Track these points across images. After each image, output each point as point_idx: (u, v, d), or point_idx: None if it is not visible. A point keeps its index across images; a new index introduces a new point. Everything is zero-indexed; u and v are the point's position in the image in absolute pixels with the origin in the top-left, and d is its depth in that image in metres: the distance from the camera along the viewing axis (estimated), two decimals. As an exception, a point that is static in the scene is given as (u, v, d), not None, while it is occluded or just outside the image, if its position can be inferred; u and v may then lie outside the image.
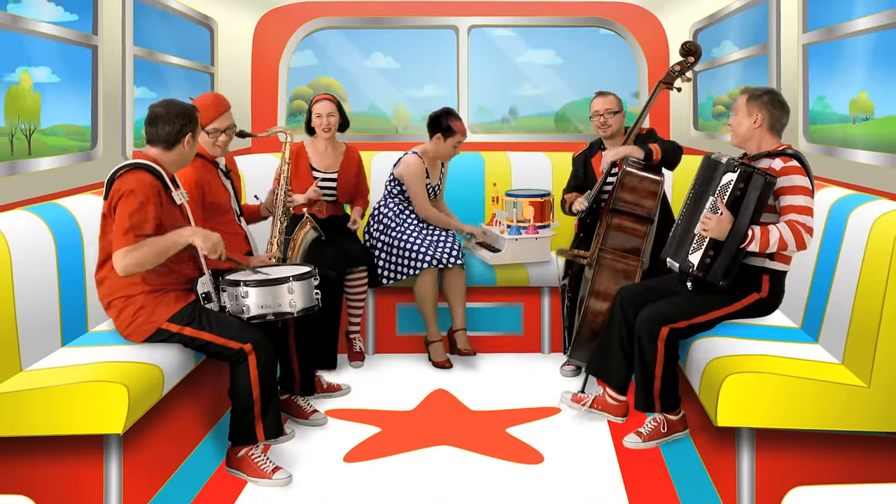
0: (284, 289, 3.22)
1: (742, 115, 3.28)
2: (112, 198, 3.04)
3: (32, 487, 2.74)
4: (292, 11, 5.75)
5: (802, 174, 3.14)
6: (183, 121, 3.14)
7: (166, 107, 3.15)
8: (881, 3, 3.31)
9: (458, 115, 4.67)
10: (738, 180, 3.09)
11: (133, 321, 3.10)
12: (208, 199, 3.55)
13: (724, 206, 3.10)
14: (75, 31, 3.74)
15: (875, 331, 2.70)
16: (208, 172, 3.58)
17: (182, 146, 3.17)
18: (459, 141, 4.59)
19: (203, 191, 3.52)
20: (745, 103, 3.28)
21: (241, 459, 3.17)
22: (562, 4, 5.79)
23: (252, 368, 3.10)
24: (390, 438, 3.55)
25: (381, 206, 4.65)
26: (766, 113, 3.24)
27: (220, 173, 3.66)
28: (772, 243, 3.08)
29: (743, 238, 3.09)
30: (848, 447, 2.83)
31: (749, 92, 3.30)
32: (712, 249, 3.15)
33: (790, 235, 3.07)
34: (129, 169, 3.07)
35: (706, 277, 3.18)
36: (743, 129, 3.28)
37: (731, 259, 3.12)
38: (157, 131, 3.13)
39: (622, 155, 4.02)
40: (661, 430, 3.43)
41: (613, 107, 4.28)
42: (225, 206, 3.64)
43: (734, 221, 3.10)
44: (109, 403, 2.66)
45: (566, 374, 4.34)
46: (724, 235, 3.11)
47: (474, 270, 4.63)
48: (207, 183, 3.56)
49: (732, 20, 5.03)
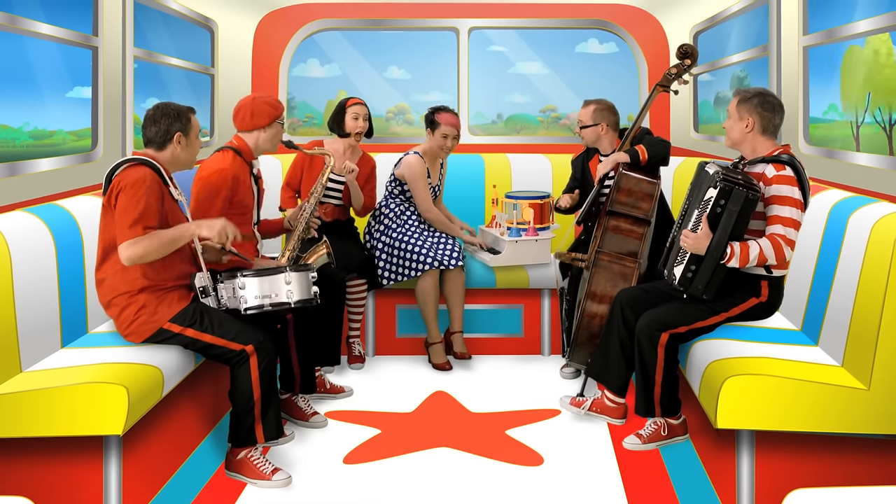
0: (281, 279, 3.22)
1: (734, 118, 3.27)
2: (112, 191, 3.05)
3: (32, 488, 2.74)
4: (293, 13, 5.75)
5: (793, 184, 3.13)
6: (168, 120, 3.16)
7: (155, 108, 3.20)
8: (881, 6, 3.31)
9: (448, 108, 4.63)
10: (719, 196, 3.07)
11: (134, 320, 3.10)
12: (237, 197, 3.55)
13: (705, 220, 3.10)
14: (75, 32, 3.74)
15: (875, 333, 2.70)
16: (242, 172, 3.60)
17: (173, 146, 3.18)
18: (446, 134, 4.54)
19: (235, 186, 3.53)
20: (735, 107, 3.27)
21: (241, 462, 3.16)
22: (562, 6, 5.79)
23: (253, 370, 3.10)
24: (390, 440, 3.55)
25: (382, 207, 4.65)
26: (757, 116, 3.24)
27: (251, 177, 3.68)
28: (751, 259, 3.09)
29: (722, 254, 3.09)
30: (848, 449, 2.83)
31: (740, 94, 3.29)
32: (693, 264, 3.16)
33: (770, 251, 3.07)
34: (129, 165, 3.09)
35: (687, 291, 3.19)
36: (735, 133, 3.28)
37: (711, 274, 3.13)
38: (147, 133, 3.19)
39: (610, 166, 4.01)
40: (661, 433, 3.43)
41: (585, 120, 4.27)
42: (247, 209, 3.65)
43: (713, 237, 3.09)
44: (109, 405, 2.66)
45: (565, 376, 4.35)
46: (702, 251, 3.12)
47: (474, 272, 4.63)
48: (241, 181, 3.57)
49: (732, 22, 5.04)
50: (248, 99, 3.71)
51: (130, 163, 3.11)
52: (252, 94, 3.78)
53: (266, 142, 3.68)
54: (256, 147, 3.67)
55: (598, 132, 4.26)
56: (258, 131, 3.65)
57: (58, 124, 3.88)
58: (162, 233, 3.05)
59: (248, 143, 3.66)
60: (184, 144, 3.21)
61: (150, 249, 2.99)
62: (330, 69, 6.07)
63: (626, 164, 3.96)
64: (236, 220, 3.48)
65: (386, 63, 6.09)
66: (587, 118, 4.27)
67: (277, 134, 3.70)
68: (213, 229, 3.14)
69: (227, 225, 3.18)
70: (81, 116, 3.91)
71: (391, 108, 6.12)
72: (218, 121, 5.43)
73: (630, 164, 3.96)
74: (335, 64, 6.07)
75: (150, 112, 3.20)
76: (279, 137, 3.73)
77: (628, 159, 3.97)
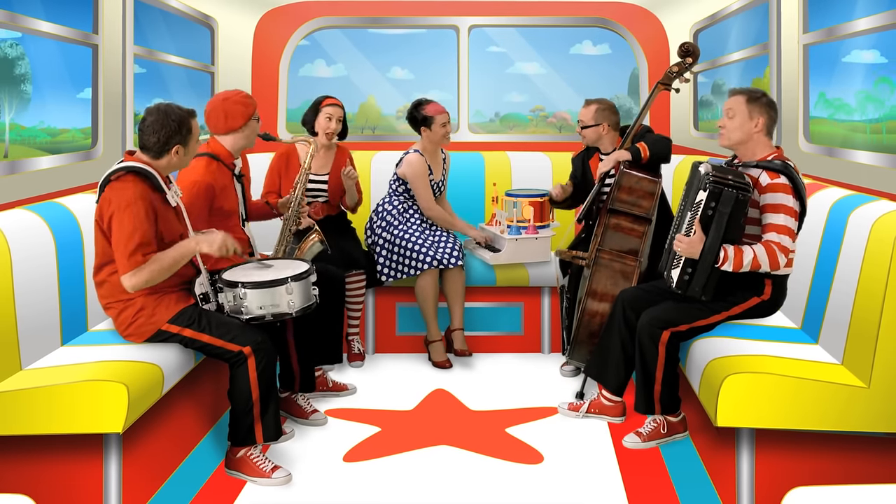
0: (283, 290, 3.21)
1: (742, 117, 3.24)
2: (103, 210, 3.00)
3: (32, 487, 2.74)
4: (293, 11, 5.74)
5: (788, 192, 3.12)
6: (169, 133, 3.06)
7: (156, 114, 3.08)
8: (881, 4, 3.31)
9: (426, 100, 4.60)
10: (709, 199, 3.07)
11: (133, 322, 3.09)
12: (217, 205, 3.52)
13: (697, 224, 3.10)
14: (75, 31, 3.74)
15: (875, 331, 2.70)
16: (223, 177, 3.55)
17: (170, 156, 3.11)
18: (443, 122, 4.55)
19: (213, 196, 3.50)
20: (745, 105, 3.24)
21: (240, 460, 3.17)
22: (562, 4, 5.79)
23: (251, 371, 3.10)
24: (390, 438, 3.55)
25: (384, 203, 4.65)
26: (766, 116, 3.23)
27: (233, 177, 3.64)
28: (745, 264, 3.08)
29: (716, 258, 3.09)
30: (848, 447, 2.83)
31: (747, 94, 3.27)
32: (689, 267, 3.16)
33: (765, 256, 3.07)
34: (121, 175, 3.03)
35: (685, 293, 3.19)
36: (742, 132, 3.24)
37: (707, 276, 3.13)
38: (145, 140, 3.08)
39: (611, 164, 4.01)
40: (660, 430, 3.43)
41: (587, 120, 4.26)
42: (231, 211, 3.62)
43: (706, 240, 3.09)
44: (109, 403, 2.66)
45: (565, 374, 4.35)
46: (696, 255, 3.11)
47: (474, 270, 4.63)
48: (221, 188, 3.53)
49: (732, 20, 5.04)
50: (219, 100, 3.60)
51: (123, 172, 3.02)
52: (222, 95, 3.65)
53: (243, 140, 3.60)
54: (234, 148, 3.60)
55: (599, 132, 4.25)
56: (233, 133, 3.58)
57: (71, 123, 3.89)
58: (163, 257, 3.02)
59: (226, 145, 3.59)
60: (181, 154, 3.13)
61: (153, 276, 2.99)
62: (336, 69, 6.08)
63: (628, 163, 3.96)
64: (223, 224, 3.46)
65: (389, 64, 6.11)
66: (588, 118, 4.26)
67: (253, 131, 3.63)
68: (212, 245, 3.11)
69: (227, 238, 3.15)
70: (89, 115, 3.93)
71: (400, 107, 6.14)
72: None
73: (631, 162, 3.96)
74: (341, 64, 6.08)
75: (150, 118, 3.07)
76: (255, 133, 3.65)
77: (630, 157, 3.96)
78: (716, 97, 5.57)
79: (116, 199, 2.98)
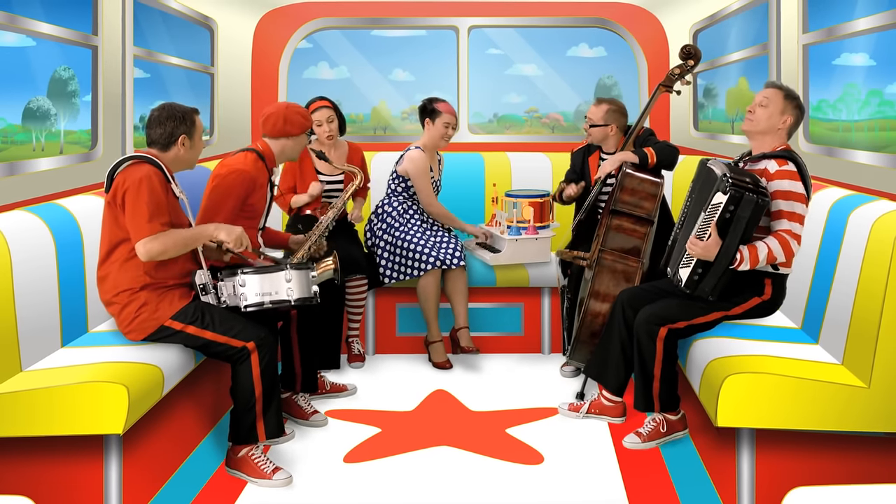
0: (282, 276, 3.22)
1: (775, 110, 3.22)
2: (116, 190, 3.05)
3: (32, 487, 2.74)
4: (292, 12, 5.75)
5: (795, 178, 3.12)
6: (174, 123, 3.16)
7: (161, 109, 3.20)
8: (881, 4, 3.31)
9: (444, 100, 4.63)
10: (729, 203, 3.04)
11: (136, 318, 3.10)
12: (250, 200, 3.56)
13: (714, 227, 3.07)
14: (75, 32, 3.74)
15: (875, 331, 2.70)
16: (262, 176, 3.62)
17: (177, 148, 3.19)
18: (448, 122, 4.56)
19: (251, 190, 3.54)
20: (782, 99, 3.23)
21: (242, 460, 3.17)
22: (562, 5, 5.79)
23: (255, 367, 3.10)
24: (390, 439, 3.55)
25: (384, 205, 4.64)
26: (794, 118, 3.23)
27: (269, 183, 3.69)
28: (761, 259, 3.08)
29: (732, 259, 3.09)
30: (848, 447, 2.83)
31: (785, 90, 3.26)
32: (700, 268, 3.14)
33: (779, 249, 3.07)
34: (132, 162, 3.10)
35: (694, 293, 3.18)
36: (770, 124, 3.22)
37: (719, 278, 3.12)
38: (151, 133, 3.19)
39: (616, 164, 4.01)
40: (660, 429, 3.43)
41: (596, 119, 4.27)
42: (257, 214, 3.66)
43: (723, 244, 3.08)
44: (109, 404, 2.66)
45: (566, 375, 4.35)
46: (711, 258, 3.10)
47: (475, 271, 4.63)
48: (259, 185, 3.58)
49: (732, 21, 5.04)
50: (282, 106, 3.72)
51: (133, 160, 3.11)
52: (284, 103, 3.80)
53: (291, 150, 3.72)
54: (281, 154, 3.71)
55: (606, 132, 4.26)
56: (286, 139, 3.68)
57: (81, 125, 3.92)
58: (181, 231, 3.08)
59: (274, 149, 3.69)
60: (188, 146, 3.21)
61: (169, 246, 3.03)
62: (339, 71, 6.10)
63: (631, 164, 3.96)
64: (244, 223, 3.48)
65: (391, 66, 6.12)
66: (598, 117, 4.26)
67: (302, 144, 3.76)
68: (231, 234, 3.18)
69: (244, 234, 3.22)
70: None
71: (405, 109, 6.16)
72: (218, 120, 5.43)
73: (635, 164, 3.97)
74: (343, 67, 6.10)
75: (155, 113, 3.19)
76: (302, 147, 3.77)
77: (636, 160, 3.97)
78: (708, 100, 5.60)
79: (131, 177, 3.04)
